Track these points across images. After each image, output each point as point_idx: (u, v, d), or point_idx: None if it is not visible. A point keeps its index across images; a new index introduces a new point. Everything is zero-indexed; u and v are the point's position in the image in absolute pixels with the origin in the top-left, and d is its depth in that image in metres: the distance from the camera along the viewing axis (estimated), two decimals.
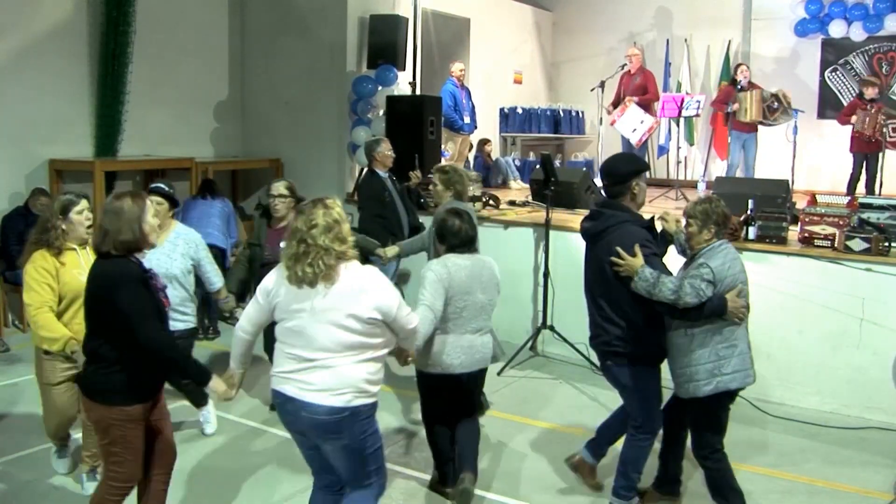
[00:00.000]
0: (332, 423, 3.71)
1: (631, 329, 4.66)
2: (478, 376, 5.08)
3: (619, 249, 4.51)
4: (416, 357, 4.66)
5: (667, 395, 4.92)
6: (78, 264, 4.75)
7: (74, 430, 5.30)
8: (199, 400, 6.05)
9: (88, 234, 4.81)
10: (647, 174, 4.99)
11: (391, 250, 6.62)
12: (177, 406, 5.93)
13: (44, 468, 5.40)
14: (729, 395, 4.64)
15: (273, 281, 3.87)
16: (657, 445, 5.02)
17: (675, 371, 4.69)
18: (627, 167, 4.84)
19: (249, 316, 4.00)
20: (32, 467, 5.45)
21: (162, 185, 5.85)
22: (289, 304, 3.77)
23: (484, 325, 4.96)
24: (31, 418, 6.23)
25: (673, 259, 5.02)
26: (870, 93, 10.46)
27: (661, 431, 4.97)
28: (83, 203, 4.84)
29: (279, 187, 6.36)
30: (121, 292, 3.75)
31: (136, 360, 3.84)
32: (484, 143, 12.50)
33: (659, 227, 5.06)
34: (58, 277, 4.70)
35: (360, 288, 3.74)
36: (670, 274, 4.55)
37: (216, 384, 4.04)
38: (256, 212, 6.85)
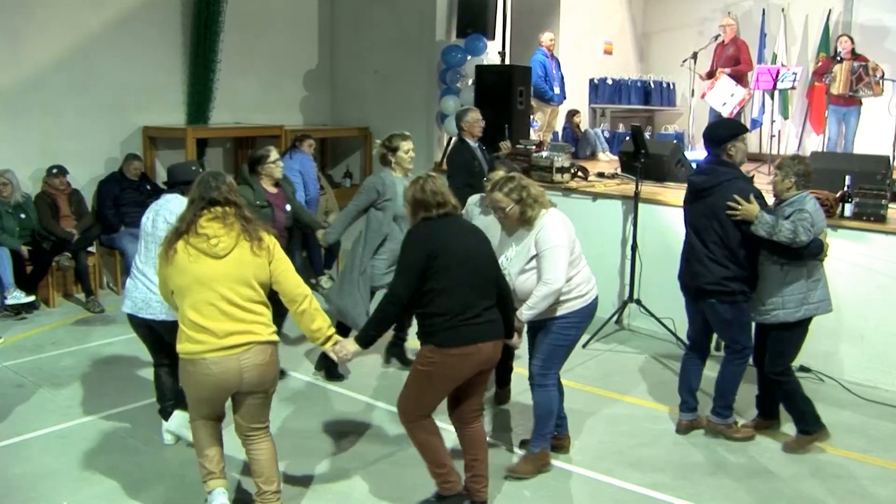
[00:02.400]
0: None
1: (738, 270, 5.30)
2: None
3: (736, 197, 5.17)
4: None
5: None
6: None
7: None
8: None
9: None
10: (747, 135, 5.59)
11: (326, 238, 6.75)
12: None
13: (143, 422, 5.59)
14: (809, 321, 5.39)
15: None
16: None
17: (765, 301, 5.34)
18: (724, 132, 5.46)
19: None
20: (133, 420, 5.66)
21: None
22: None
23: None
24: (126, 376, 6.53)
25: None
26: None
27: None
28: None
29: (276, 152, 6.65)
30: None
31: None
32: (573, 113, 12.36)
33: None
34: None
35: None
36: None
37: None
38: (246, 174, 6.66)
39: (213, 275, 3.93)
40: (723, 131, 5.47)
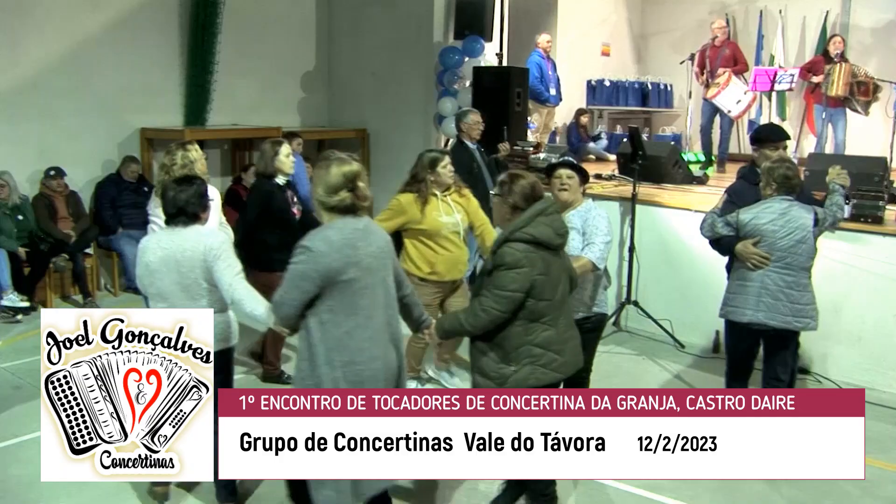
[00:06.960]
0: None
1: None
2: None
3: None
4: None
5: None
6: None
7: None
8: None
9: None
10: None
11: None
12: None
13: None
14: (736, 325, 5.29)
15: None
16: None
17: None
18: (756, 136, 6.05)
19: None
20: None
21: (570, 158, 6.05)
22: None
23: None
24: None
25: None
26: None
27: None
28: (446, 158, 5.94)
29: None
30: None
31: None
32: (581, 113, 12.37)
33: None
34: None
35: None
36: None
37: None
38: None
39: None
40: (757, 135, 6.08)
